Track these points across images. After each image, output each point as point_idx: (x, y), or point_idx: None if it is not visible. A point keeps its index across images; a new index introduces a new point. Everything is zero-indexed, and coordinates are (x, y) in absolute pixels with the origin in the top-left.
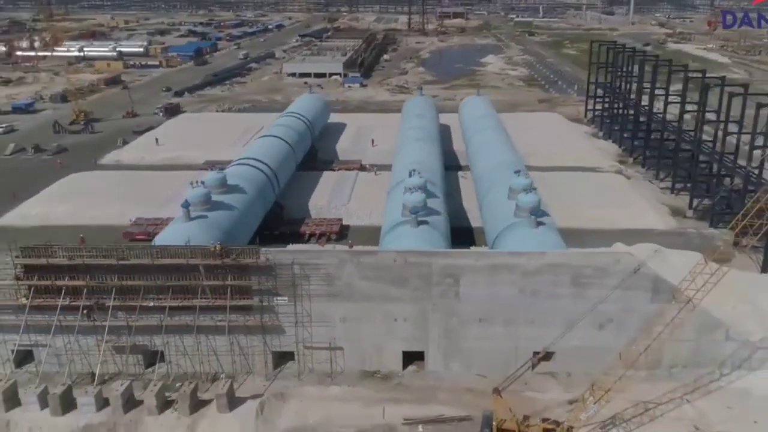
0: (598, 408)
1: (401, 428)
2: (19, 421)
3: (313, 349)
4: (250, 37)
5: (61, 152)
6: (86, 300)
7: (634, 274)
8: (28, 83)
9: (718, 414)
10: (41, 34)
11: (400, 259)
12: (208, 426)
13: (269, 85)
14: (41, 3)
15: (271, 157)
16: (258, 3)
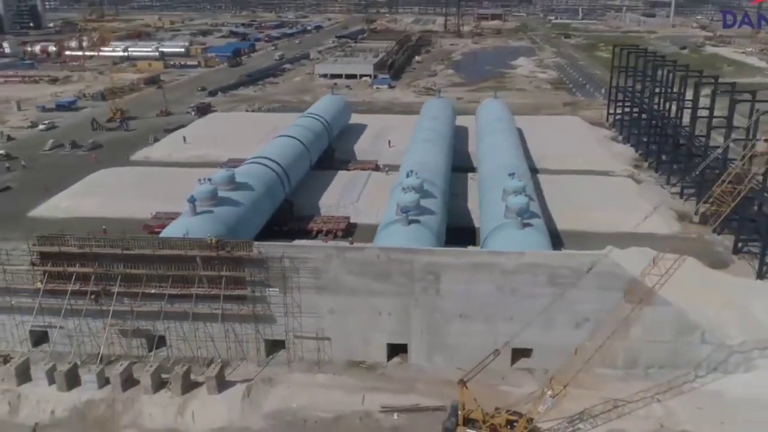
0: (555, 401)
1: (378, 415)
2: (29, 394)
3: (302, 338)
4: (288, 38)
5: (96, 148)
6: (94, 286)
7: (586, 274)
8: (74, 82)
9: (687, 414)
10: (90, 34)
11: (384, 256)
12: (198, 406)
13: (300, 85)
14: (94, 4)
15: (283, 156)
16: (300, 4)
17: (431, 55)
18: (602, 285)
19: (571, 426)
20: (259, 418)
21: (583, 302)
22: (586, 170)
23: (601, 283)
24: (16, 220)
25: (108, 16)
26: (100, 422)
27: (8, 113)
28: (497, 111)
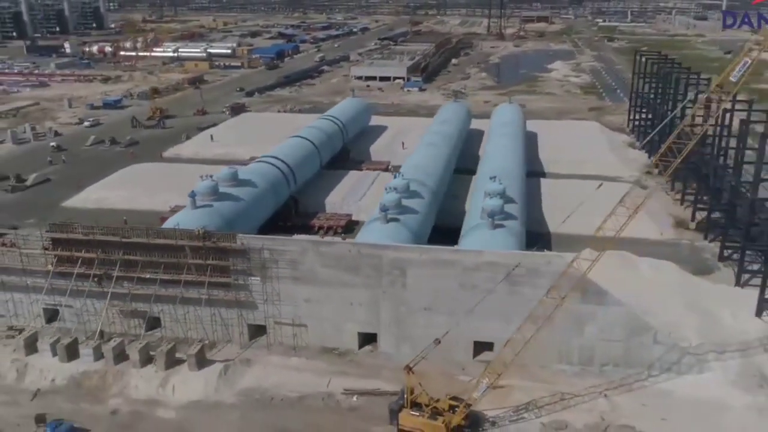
0: (488, 388)
1: (339, 397)
2: (34, 364)
3: (281, 324)
4: (333, 39)
5: (133, 145)
6: (96, 269)
7: (513, 271)
8: (124, 81)
9: (630, 409)
10: (145, 35)
11: (354, 250)
12: (179, 380)
13: (335, 87)
14: (155, 5)
15: (290, 155)
16: (350, 6)
17: (469, 58)
18: (558, 285)
19: (515, 415)
20: (232, 394)
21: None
22: (593, 175)
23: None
24: (51, 209)
25: (167, 17)
26: (93, 391)
27: (60, 110)
28: (508, 115)
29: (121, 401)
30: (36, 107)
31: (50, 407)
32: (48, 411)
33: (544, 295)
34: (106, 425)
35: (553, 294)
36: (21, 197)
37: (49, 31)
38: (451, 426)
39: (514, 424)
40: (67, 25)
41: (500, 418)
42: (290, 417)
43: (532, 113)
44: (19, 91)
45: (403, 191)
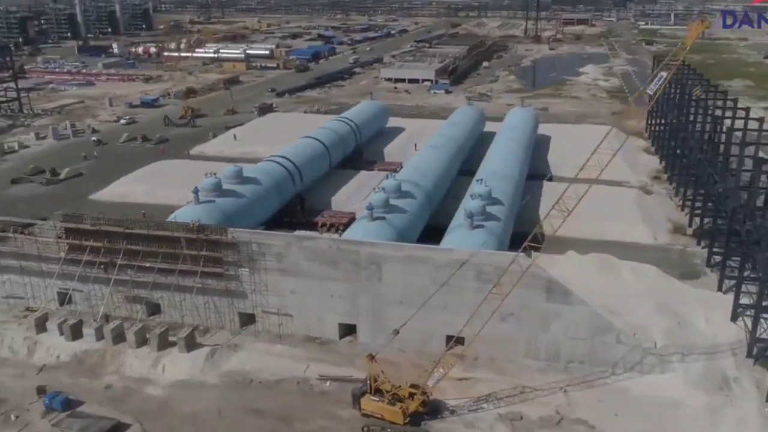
0: (440, 377)
1: (314, 382)
2: (43, 341)
3: (268, 313)
4: (370, 41)
5: (163, 142)
6: (102, 258)
7: (461, 266)
8: (164, 81)
9: (587, 404)
10: (189, 36)
11: (334, 246)
12: (169, 361)
13: (363, 89)
14: (204, 6)
15: (298, 155)
16: (392, 8)
17: (501, 61)
18: (523, 283)
19: (475, 405)
20: (215, 375)
21: (508, 298)
22: (599, 179)
23: (523, 282)
24: (79, 201)
25: (214, 19)
26: (92, 368)
27: (100, 108)
28: (518, 119)
29: (116, 378)
30: (80, 105)
31: (53, 381)
32: (50, 384)
33: (489, 291)
34: (99, 398)
35: (497, 290)
36: (54, 190)
37: (101, 31)
38: (408, 412)
39: (472, 413)
40: (118, 26)
41: (460, 408)
42: (265, 398)
43: (553, 117)
44: (66, 89)
45: (392, 191)
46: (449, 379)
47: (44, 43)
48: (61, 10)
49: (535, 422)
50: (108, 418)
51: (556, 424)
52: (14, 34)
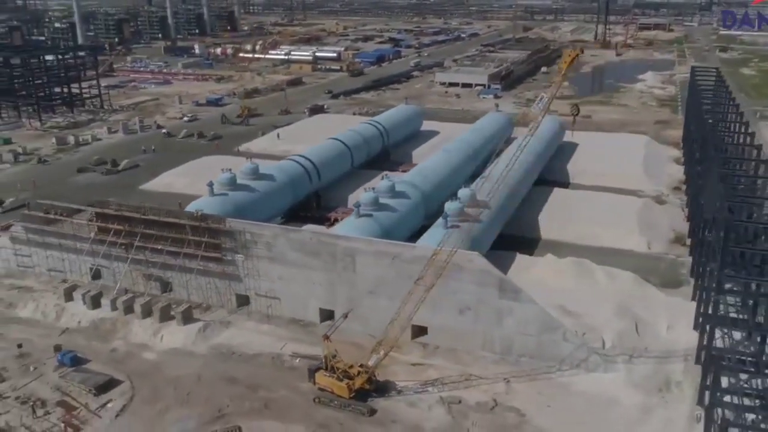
0: (379, 358)
1: (286, 358)
2: (69, 309)
3: (260, 296)
4: (438, 45)
5: (216, 139)
6: (123, 239)
7: (392, 261)
8: (234, 81)
9: (524, 395)
10: (266, 38)
11: (315, 238)
12: (167, 331)
13: (416, 92)
14: (290, 9)
15: (318, 155)
16: (470, 11)
17: None
18: (478, 281)
19: (422, 387)
20: (204, 347)
21: (465, 293)
22: (614, 188)
23: (477, 279)
24: (131, 190)
25: (296, 21)
26: (104, 333)
27: (170, 106)
28: (542, 128)
29: (122, 343)
30: (153, 102)
31: (70, 342)
32: (67, 344)
33: (414, 282)
34: (104, 358)
35: (421, 282)
36: (111, 179)
37: (189, 33)
38: (353, 388)
39: (417, 395)
40: (205, 28)
41: (407, 389)
42: (240, 369)
43: (593, 124)
44: (145, 87)
45: (385, 192)
46: (404, 364)
47: (137, 43)
48: (154, 12)
49: (471, 407)
50: (104, 374)
51: (490, 410)
52: (111, 35)
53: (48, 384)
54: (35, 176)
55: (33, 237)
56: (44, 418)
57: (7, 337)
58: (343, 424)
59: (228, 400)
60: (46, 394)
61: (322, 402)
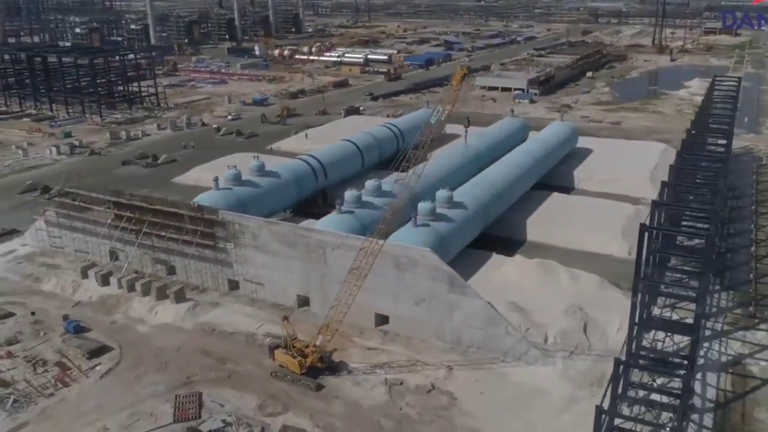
0: (324, 339)
1: (259, 337)
2: (83, 285)
3: (248, 281)
4: (491, 48)
5: (253, 137)
6: (133, 225)
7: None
8: (285, 82)
9: (462, 381)
10: (324, 40)
11: (292, 231)
12: (161, 309)
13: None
14: (356, 11)
15: (327, 155)
16: (535, 14)
17: (610, 72)
18: (430, 275)
19: (370, 369)
20: (190, 323)
21: (419, 286)
22: (617, 195)
23: (430, 274)
24: (164, 182)
25: (360, 23)
26: (109, 308)
27: (219, 105)
28: (548, 132)
29: (121, 316)
30: (205, 101)
31: (79, 313)
32: (74, 315)
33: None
34: (103, 329)
35: (354, 271)
36: (149, 172)
37: (255, 34)
38: (305, 365)
39: (364, 375)
40: (270, 30)
41: (357, 370)
42: (216, 344)
43: (620, 131)
44: (202, 86)
45: (371, 191)
46: (362, 348)
47: (205, 44)
48: (222, 15)
49: (410, 389)
50: (98, 341)
51: (426, 393)
52: (182, 36)
53: (52, 347)
54: (85, 167)
55: (62, 221)
56: (42, 374)
57: (29, 307)
58: (291, 396)
59: (198, 370)
60: (49, 355)
61: (277, 376)
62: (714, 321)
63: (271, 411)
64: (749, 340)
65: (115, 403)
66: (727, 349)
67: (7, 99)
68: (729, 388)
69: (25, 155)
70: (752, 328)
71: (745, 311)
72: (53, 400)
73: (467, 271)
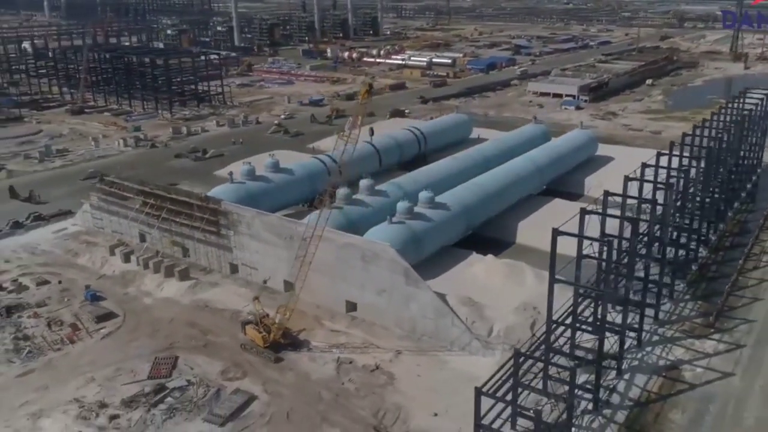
0: (282, 318)
1: (243, 315)
2: (110, 260)
3: (245, 266)
4: (560, 53)
5: (298, 135)
6: (155, 211)
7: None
8: (347, 83)
9: (405, 365)
10: (395, 43)
11: (279, 222)
12: (167, 285)
13: (505, 101)
14: (439, 13)
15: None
16: (621, 17)
17: (672, 79)
18: (390, 268)
19: (328, 348)
20: (188, 299)
21: (381, 278)
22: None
23: (389, 267)
24: (207, 175)
25: (439, 26)
26: (126, 282)
27: (279, 104)
28: (562, 140)
29: (134, 289)
30: (268, 100)
31: (100, 285)
32: (95, 286)
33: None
34: (116, 299)
35: (301, 254)
36: (197, 165)
37: (334, 36)
38: (268, 340)
39: (321, 353)
40: (348, 32)
41: (317, 348)
42: (203, 318)
43: (658, 141)
44: (269, 86)
45: (365, 189)
46: (327, 330)
47: (285, 45)
48: (303, 18)
49: (357, 367)
50: (108, 309)
51: (370, 372)
52: (263, 38)
53: (70, 311)
54: (143, 159)
55: (102, 204)
56: (56, 332)
57: (62, 277)
58: (253, 366)
59: (181, 338)
60: (66, 318)
61: (245, 348)
62: (668, 328)
63: (231, 376)
64: (696, 348)
65: (106, 360)
66: (668, 354)
67: (94, 95)
68: (655, 390)
69: (97, 146)
70: (704, 337)
71: (705, 321)
72: (59, 354)
73: (441, 267)
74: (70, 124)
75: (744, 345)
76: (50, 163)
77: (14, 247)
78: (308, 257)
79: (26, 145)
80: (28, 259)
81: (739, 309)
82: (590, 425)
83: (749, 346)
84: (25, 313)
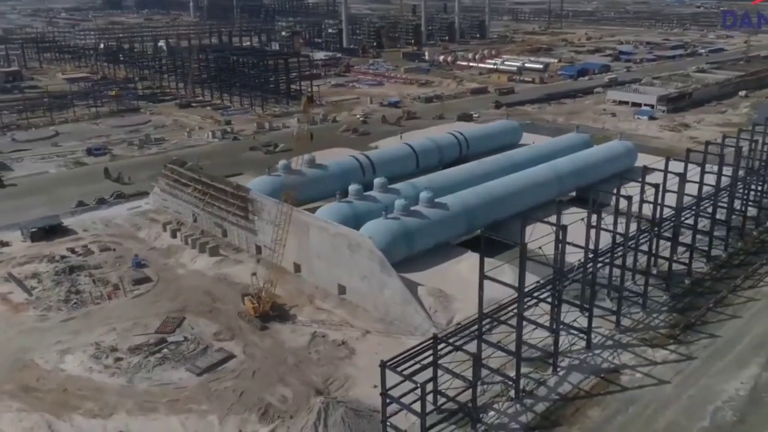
0: (268, 290)
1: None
2: (162, 236)
3: (266, 247)
4: (663, 60)
5: (364, 135)
6: (202, 196)
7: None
8: (434, 86)
9: (368, 343)
10: (492, 47)
11: (290, 211)
12: (199, 259)
13: (580, 108)
14: (550, 17)
15: (379, 155)
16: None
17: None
18: (368, 257)
19: (308, 323)
20: (212, 273)
21: (362, 265)
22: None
23: (368, 256)
24: (272, 166)
25: (550, 29)
26: (168, 254)
27: (361, 104)
28: (596, 149)
29: (173, 261)
30: (353, 100)
31: (148, 254)
32: (144, 255)
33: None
34: (155, 267)
35: (279, 231)
36: (266, 157)
37: (441, 39)
38: (258, 310)
39: (301, 326)
40: (454, 35)
41: (300, 322)
42: (218, 288)
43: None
44: (360, 87)
45: (378, 187)
46: (315, 308)
47: (392, 48)
48: (411, 21)
49: (327, 341)
50: (146, 275)
51: (336, 345)
52: (371, 40)
53: (116, 274)
54: (224, 150)
55: (167, 188)
56: (99, 289)
57: (121, 247)
58: (242, 331)
59: (193, 303)
60: (113, 279)
61: (240, 316)
62: (628, 335)
63: (221, 337)
64: (645, 355)
65: (130, 315)
66: (615, 358)
67: (203, 91)
68: (586, 389)
69: (189, 136)
70: (659, 347)
71: (668, 332)
72: (97, 307)
73: (433, 262)
74: (176, 116)
75: (695, 358)
76: (148, 149)
77: (94, 219)
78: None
79: (133, 133)
80: (102, 229)
81: (712, 324)
82: (506, 411)
83: (700, 359)
84: (83, 273)
